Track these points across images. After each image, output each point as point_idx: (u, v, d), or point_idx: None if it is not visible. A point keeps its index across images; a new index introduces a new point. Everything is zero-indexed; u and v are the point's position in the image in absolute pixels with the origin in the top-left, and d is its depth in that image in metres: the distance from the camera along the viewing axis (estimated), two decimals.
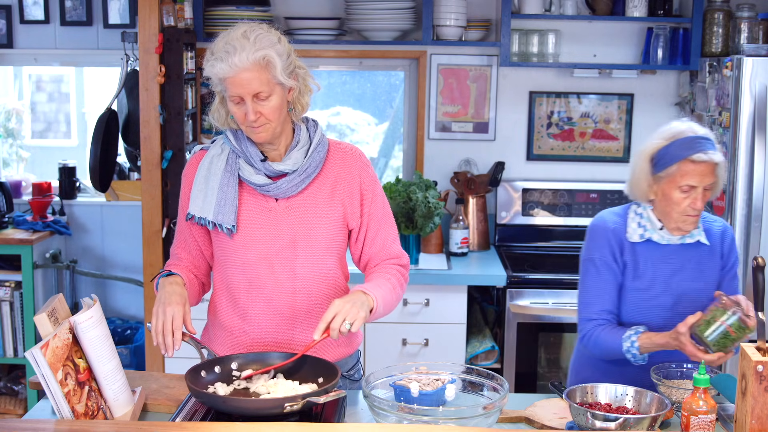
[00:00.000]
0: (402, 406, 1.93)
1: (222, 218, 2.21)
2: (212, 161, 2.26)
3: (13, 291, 4.06)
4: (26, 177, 4.63)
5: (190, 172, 2.30)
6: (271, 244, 2.24)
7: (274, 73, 2.12)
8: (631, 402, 2.05)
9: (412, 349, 3.79)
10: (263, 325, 2.28)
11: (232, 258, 2.26)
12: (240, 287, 2.28)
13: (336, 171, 2.28)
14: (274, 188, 2.22)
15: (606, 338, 2.38)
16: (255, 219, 2.24)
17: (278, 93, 2.15)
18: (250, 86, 2.10)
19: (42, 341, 1.85)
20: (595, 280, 2.44)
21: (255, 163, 2.22)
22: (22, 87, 5.15)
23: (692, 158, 2.31)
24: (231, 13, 4.00)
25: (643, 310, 2.42)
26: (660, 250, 2.43)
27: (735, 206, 3.50)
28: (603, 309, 2.43)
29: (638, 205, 2.48)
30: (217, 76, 2.12)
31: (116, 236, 4.44)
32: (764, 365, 1.82)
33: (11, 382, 4.22)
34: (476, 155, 4.30)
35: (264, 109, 2.13)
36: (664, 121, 4.23)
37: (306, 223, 2.24)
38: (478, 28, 4.13)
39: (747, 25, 3.88)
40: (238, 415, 1.96)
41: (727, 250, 2.47)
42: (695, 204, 2.34)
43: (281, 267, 2.25)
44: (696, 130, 2.37)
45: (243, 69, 2.08)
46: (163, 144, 3.71)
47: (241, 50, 2.08)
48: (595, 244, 2.46)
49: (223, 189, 2.22)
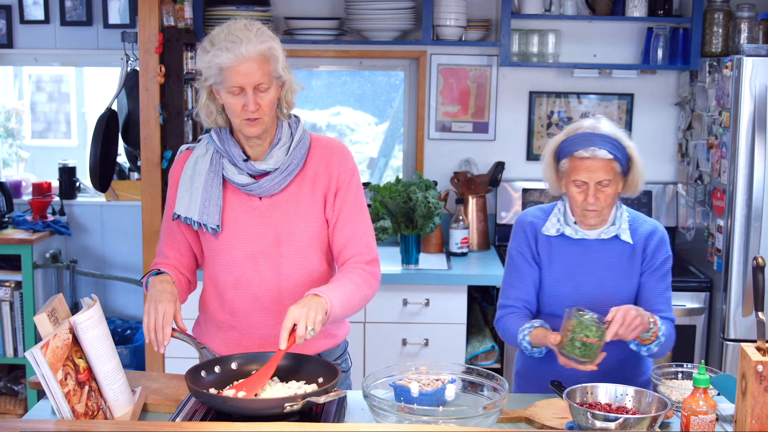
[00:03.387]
0: (402, 406, 1.93)
1: (207, 218, 2.25)
2: (197, 161, 2.29)
3: (13, 291, 4.06)
4: (26, 177, 4.63)
5: (176, 172, 2.34)
6: (256, 243, 2.27)
7: (275, 66, 2.16)
8: (631, 402, 2.05)
9: (412, 349, 3.79)
10: (251, 320, 2.32)
11: (218, 257, 2.30)
12: (227, 285, 2.32)
13: (316, 165, 2.30)
14: (256, 187, 2.25)
15: (509, 327, 2.46)
16: (239, 218, 2.27)
17: (275, 87, 2.19)
18: (253, 76, 2.13)
19: (42, 341, 1.85)
20: (512, 271, 2.52)
21: (238, 162, 2.25)
22: (22, 87, 5.15)
23: (577, 154, 2.36)
24: (231, 13, 4.00)
25: (558, 303, 2.45)
26: (575, 245, 2.47)
27: (735, 206, 3.50)
28: (516, 297, 2.49)
29: (563, 200, 2.52)
30: (219, 66, 2.13)
31: (116, 236, 4.43)
32: (764, 365, 1.83)
33: (11, 382, 4.22)
34: (476, 155, 4.30)
35: (262, 101, 2.16)
36: (664, 121, 4.29)
37: (289, 221, 2.27)
38: (478, 28, 4.13)
39: (747, 25, 3.88)
40: (238, 415, 1.96)
41: (653, 250, 2.45)
42: (588, 199, 2.36)
43: (266, 265, 2.28)
44: (598, 127, 2.38)
45: (248, 59, 2.11)
46: (163, 144, 3.71)
47: (247, 42, 2.12)
48: (514, 237, 2.54)
49: (208, 189, 2.25)
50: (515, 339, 2.42)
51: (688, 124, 4.10)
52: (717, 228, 3.65)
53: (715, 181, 3.68)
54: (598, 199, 2.37)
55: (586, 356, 2.20)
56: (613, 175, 2.37)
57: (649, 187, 4.24)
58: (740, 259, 3.51)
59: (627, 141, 2.41)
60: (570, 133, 2.41)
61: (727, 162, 3.53)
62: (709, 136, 3.76)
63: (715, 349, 3.67)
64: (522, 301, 2.49)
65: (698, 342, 3.76)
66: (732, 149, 3.50)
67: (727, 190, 3.54)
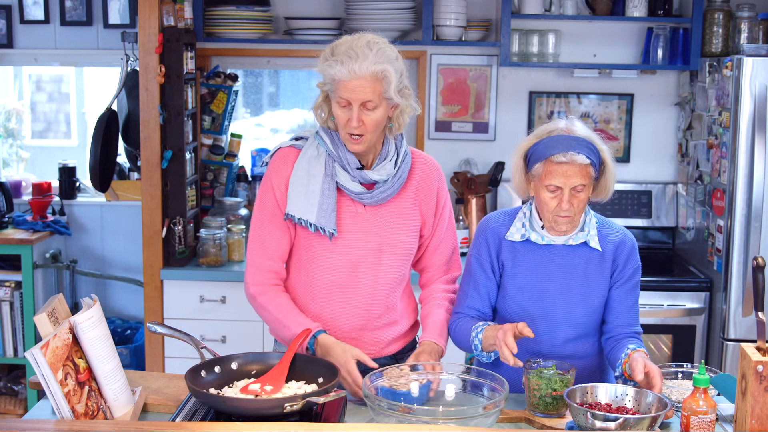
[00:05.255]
0: (402, 406, 1.93)
1: (324, 222, 2.26)
2: (310, 162, 2.30)
3: (13, 291, 4.06)
4: (26, 177, 4.63)
5: (283, 169, 2.32)
6: (360, 250, 2.31)
7: (387, 88, 2.18)
8: (631, 402, 2.05)
9: None
10: (336, 323, 2.34)
11: (320, 259, 2.32)
12: (321, 287, 2.34)
13: (417, 180, 2.38)
14: (368, 196, 2.30)
15: (462, 327, 2.37)
16: (347, 224, 2.31)
17: (384, 107, 2.21)
18: (362, 94, 2.16)
19: (42, 341, 1.85)
20: (468, 279, 2.43)
21: (351, 170, 2.28)
22: (22, 87, 5.15)
23: (552, 158, 2.24)
24: (231, 13, 4.00)
25: (521, 311, 2.37)
26: (540, 251, 2.36)
27: (735, 206, 3.50)
28: (470, 306, 2.40)
29: (529, 205, 2.40)
30: (332, 77, 2.17)
31: (116, 236, 4.43)
32: (764, 365, 1.83)
33: (11, 382, 4.22)
34: (476, 155, 4.30)
35: (367, 119, 2.19)
36: (664, 121, 4.29)
37: (391, 231, 2.33)
38: (478, 28, 4.13)
39: (747, 25, 3.88)
40: (238, 415, 1.96)
41: (623, 261, 2.36)
42: (562, 205, 2.25)
43: (365, 272, 2.32)
44: (573, 130, 2.27)
45: (360, 77, 2.14)
46: (163, 144, 3.71)
47: (363, 59, 2.14)
48: (475, 242, 2.44)
49: (325, 193, 2.27)
50: (468, 338, 2.33)
51: (688, 124, 4.10)
52: (717, 228, 3.65)
53: (715, 181, 3.68)
54: (572, 204, 2.25)
55: (557, 408, 2.11)
56: (588, 180, 2.26)
57: (649, 187, 4.24)
58: (740, 259, 3.51)
59: (601, 144, 2.30)
60: (542, 136, 2.29)
61: (727, 162, 3.53)
62: (709, 136, 3.76)
63: (715, 349, 3.67)
64: (475, 311, 2.40)
65: (698, 342, 3.76)
66: (732, 149, 3.50)
67: (727, 190, 3.54)
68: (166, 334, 2.28)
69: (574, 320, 2.35)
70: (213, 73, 4.16)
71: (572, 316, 2.35)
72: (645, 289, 3.61)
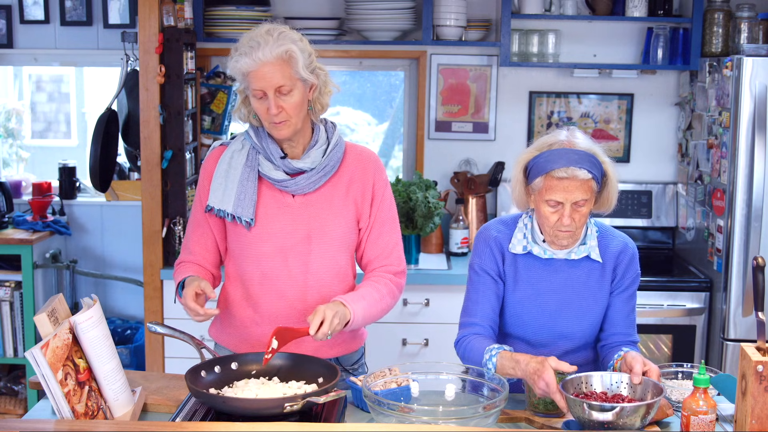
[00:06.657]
0: (402, 406, 1.93)
1: (241, 211, 2.28)
2: (233, 156, 2.32)
3: (13, 291, 4.06)
4: (26, 177, 4.63)
5: (210, 166, 2.36)
6: (287, 238, 2.30)
7: (296, 68, 2.18)
8: (626, 389, 2.05)
9: (412, 349, 3.79)
10: (274, 317, 2.33)
11: (247, 250, 2.32)
12: (253, 279, 2.34)
13: (351, 171, 2.36)
14: (292, 184, 2.29)
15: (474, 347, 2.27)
16: (272, 213, 2.30)
17: (299, 89, 2.21)
18: (272, 79, 2.16)
19: (42, 341, 1.85)
20: (476, 286, 2.37)
21: (274, 159, 2.29)
22: (22, 87, 5.15)
23: (553, 173, 2.18)
24: (231, 13, 4.00)
25: (521, 324, 2.34)
26: (542, 264, 2.32)
27: (735, 206, 3.50)
28: (483, 315, 2.33)
29: (529, 215, 2.36)
30: (241, 71, 2.18)
31: (116, 236, 4.44)
32: (764, 365, 1.83)
33: (11, 382, 4.22)
34: (476, 155, 4.30)
35: (285, 104, 2.19)
36: (664, 121, 4.29)
37: (321, 220, 2.31)
38: (478, 28, 4.13)
39: (747, 25, 3.88)
40: (238, 415, 1.96)
41: (623, 270, 2.33)
42: (563, 220, 2.20)
43: (295, 261, 2.31)
44: (575, 143, 2.21)
45: (266, 62, 2.15)
46: (163, 144, 3.71)
47: (265, 45, 2.15)
48: (477, 251, 2.38)
49: (243, 183, 2.28)
50: (479, 360, 2.22)
51: (688, 124, 4.10)
52: (717, 228, 3.65)
53: (715, 181, 3.68)
54: (573, 219, 2.20)
55: (557, 408, 2.10)
56: (590, 195, 2.21)
57: (649, 187, 4.24)
58: (740, 259, 3.51)
59: (603, 156, 2.25)
60: (543, 149, 2.23)
61: (727, 162, 3.53)
62: (709, 136, 3.76)
63: (715, 349, 3.67)
64: (488, 320, 2.33)
65: (698, 342, 3.76)
66: (732, 149, 3.50)
67: (727, 190, 3.54)
68: (166, 334, 2.29)
69: (575, 334, 2.35)
70: (213, 73, 4.16)
71: (574, 330, 2.34)
72: (645, 289, 3.61)
